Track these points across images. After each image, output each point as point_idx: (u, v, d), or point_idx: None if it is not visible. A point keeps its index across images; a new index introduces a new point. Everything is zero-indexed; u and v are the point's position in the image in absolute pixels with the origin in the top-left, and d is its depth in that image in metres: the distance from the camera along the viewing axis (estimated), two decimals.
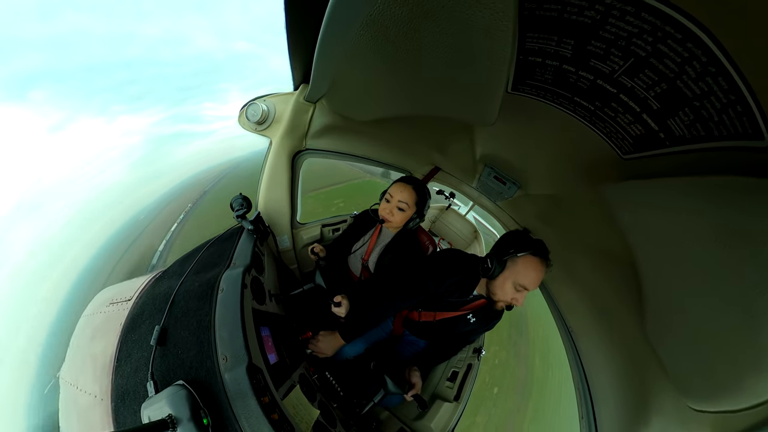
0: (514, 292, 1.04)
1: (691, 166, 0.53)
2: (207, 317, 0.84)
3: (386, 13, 0.53)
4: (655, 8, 0.39)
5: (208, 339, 0.79)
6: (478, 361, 1.65)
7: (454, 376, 1.61)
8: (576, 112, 0.72)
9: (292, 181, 1.55)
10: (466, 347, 1.66)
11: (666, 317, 0.73)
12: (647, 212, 0.68)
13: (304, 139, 1.48)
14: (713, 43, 0.37)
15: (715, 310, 0.54)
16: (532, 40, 0.59)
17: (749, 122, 0.41)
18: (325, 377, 1.23)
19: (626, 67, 0.51)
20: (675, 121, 0.52)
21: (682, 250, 0.60)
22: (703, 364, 0.61)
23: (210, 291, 0.92)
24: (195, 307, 0.89)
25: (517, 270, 1.03)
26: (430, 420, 1.40)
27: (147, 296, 1.03)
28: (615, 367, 0.98)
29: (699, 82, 0.43)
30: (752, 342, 0.47)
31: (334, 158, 1.74)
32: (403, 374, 1.21)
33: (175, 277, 1.08)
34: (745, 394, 0.50)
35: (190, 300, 0.92)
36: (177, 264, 1.22)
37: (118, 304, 1.04)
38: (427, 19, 0.53)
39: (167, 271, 1.19)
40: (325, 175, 24.65)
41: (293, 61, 1.03)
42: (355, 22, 0.59)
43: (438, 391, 1.61)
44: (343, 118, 1.38)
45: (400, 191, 1.34)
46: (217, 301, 0.88)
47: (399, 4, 0.51)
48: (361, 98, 1.11)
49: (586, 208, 1.04)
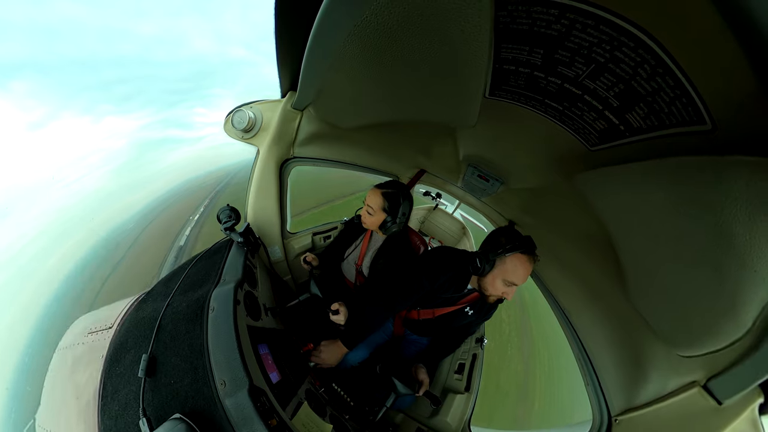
0: (504, 287, 1.08)
1: (650, 152, 0.61)
2: (199, 340, 0.78)
3: (372, 24, 0.56)
4: (612, 21, 0.45)
5: (202, 364, 0.73)
6: (481, 350, 1.68)
7: (461, 368, 1.63)
8: (547, 113, 0.79)
9: (280, 190, 1.52)
10: (468, 339, 1.69)
11: (645, 283, 0.81)
12: (615, 194, 0.77)
13: (291, 147, 1.46)
14: (660, 49, 0.44)
15: (687, 270, 0.61)
16: (507, 51, 0.65)
17: (693, 111, 0.48)
18: (333, 389, 1.19)
19: (589, 71, 0.58)
20: (632, 115, 0.59)
21: (650, 224, 0.68)
22: (684, 317, 0.68)
23: (200, 311, 0.86)
24: (185, 331, 0.83)
25: (506, 268, 1.08)
26: (445, 415, 1.39)
27: (130, 322, 0.95)
28: (609, 335, 1.05)
29: (650, 81, 0.50)
30: (722, 292, 0.54)
31: (322, 165, 1.73)
32: (411, 374, 1.21)
33: (160, 299, 1.00)
34: (723, 335, 0.58)
35: (179, 323, 0.85)
36: (161, 284, 1.13)
37: (97, 333, 0.94)
38: (411, 30, 0.56)
39: (151, 293, 1.10)
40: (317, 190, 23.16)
41: (281, 68, 1.03)
42: (342, 32, 0.61)
43: (448, 385, 1.62)
44: (330, 125, 1.38)
45: (370, 196, 1.40)
46: (209, 321, 0.82)
47: (384, 16, 0.53)
48: (348, 105, 1.12)
49: (563, 197, 1.12)
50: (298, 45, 0.77)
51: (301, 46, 0.76)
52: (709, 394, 0.66)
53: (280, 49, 0.86)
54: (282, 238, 1.67)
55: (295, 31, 0.73)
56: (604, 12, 0.45)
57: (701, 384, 0.68)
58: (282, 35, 0.78)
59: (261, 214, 1.51)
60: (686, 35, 0.40)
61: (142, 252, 32.62)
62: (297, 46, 0.78)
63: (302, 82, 1.00)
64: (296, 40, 0.76)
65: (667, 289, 0.71)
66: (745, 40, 0.33)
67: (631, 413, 0.85)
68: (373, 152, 1.89)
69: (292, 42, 0.79)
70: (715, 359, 0.64)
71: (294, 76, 1.03)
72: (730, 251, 0.49)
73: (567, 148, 0.85)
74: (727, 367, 0.62)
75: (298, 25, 0.70)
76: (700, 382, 0.69)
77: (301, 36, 0.72)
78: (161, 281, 1.16)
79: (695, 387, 0.69)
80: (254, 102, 1.31)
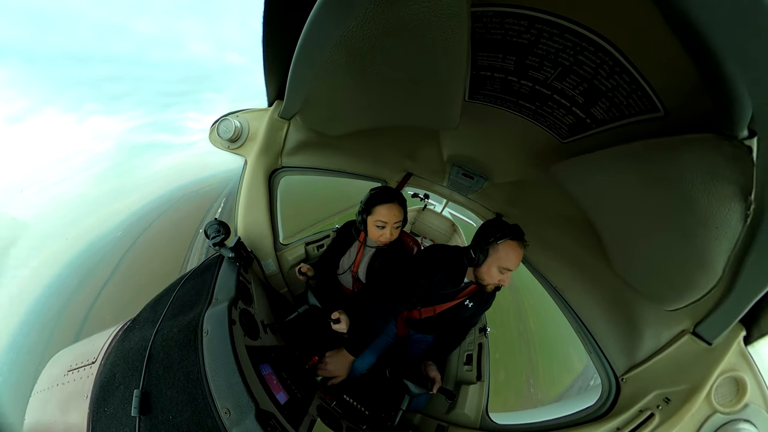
0: (500, 274, 1.14)
1: (614, 139, 0.69)
2: (195, 367, 0.72)
3: (358, 35, 0.59)
4: (574, 30, 0.52)
5: (202, 393, 0.68)
6: (486, 338, 1.71)
7: (469, 359, 1.65)
8: (522, 112, 0.86)
9: (270, 201, 1.48)
10: (471, 330, 1.72)
11: (625, 253, 0.89)
12: (589, 179, 0.85)
13: (279, 156, 1.43)
14: (617, 52, 0.51)
15: (659, 236, 0.69)
16: (483, 58, 0.71)
17: (648, 102, 0.56)
18: (345, 401, 1.14)
19: (556, 74, 0.65)
20: (597, 109, 0.67)
21: (622, 201, 0.76)
22: (663, 277, 0.77)
23: (193, 335, 0.80)
24: (179, 358, 0.76)
25: (499, 256, 1.13)
26: (462, 407, 1.39)
27: (116, 355, 0.85)
28: (600, 304, 1.13)
29: (609, 79, 0.57)
30: (692, 250, 0.61)
31: (311, 174, 1.72)
32: (421, 373, 1.20)
33: (147, 326, 0.92)
34: (700, 286, 0.66)
35: (171, 350, 0.79)
36: (148, 309, 1.03)
37: (79, 370, 0.84)
38: (395, 41, 0.59)
39: (137, 320, 1.00)
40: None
41: (268, 77, 1.02)
42: (329, 42, 0.64)
43: (459, 377, 1.63)
44: (317, 133, 1.37)
45: (393, 215, 1.30)
46: (204, 345, 0.76)
47: (370, 28, 0.56)
48: (334, 113, 1.13)
49: (543, 186, 1.21)
50: (285, 54, 0.77)
51: (287, 56, 0.77)
52: (698, 338, 0.74)
53: (268, 58, 0.86)
54: (275, 251, 1.62)
55: (282, 41, 0.74)
56: (567, 22, 0.51)
57: (690, 331, 0.76)
58: (269, 45, 0.79)
59: (252, 226, 1.45)
60: (638, 39, 0.47)
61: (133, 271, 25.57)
62: (284, 55, 0.79)
63: (289, 91, 1.00)
64: (283, 50, 0.77)
65: (645, 255, 0.79)
66: (687, 42, 0.39)
67: (634, 370, 0.91)
68: (361, 158, 1.90)
69: (279, 51, 0.80)
70: (697, 308, 0.71)
71: (281, 85, 1.03)
72: (694, 214, 0.56)
73: (542, 143, 0.93)
74: (710, 311, 0.69)
75: (285, 35, 0.71)
76: (689, 330, 0.76)
77: (288, 46, 0.73)
78: (147, 306, 1.06)
79: (686, 335, 0.76)
80: (240, 111, 1.28)
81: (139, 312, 1.04)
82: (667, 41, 0.42)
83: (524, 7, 0.53)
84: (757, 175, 0.44)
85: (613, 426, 0.86)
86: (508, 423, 1.19)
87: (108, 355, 0.87)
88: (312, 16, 0.58)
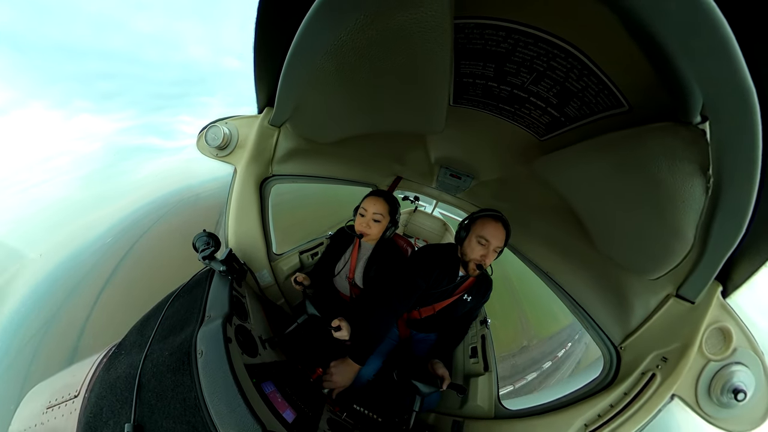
0: (479, 246, 1.20)
1: (587, 133, 0.76)
2: (192, 393, 0.67)
3: (348, 44, 0.61)
4: (547, 39, 0.58)
5: (202, 420, 0.63)
6: (488, 329, 1.74)
7: (474, 351, 1.67)
8: (502, 114, 0.92)
9: (262, 211, 1.44)
10: (473, 323, 1.75)
11: (605, 232, 0.98)
12: (567, 171, 0.93)
13: (270, 164, 1.41)
14: (584, 57, 0.58)
15: (635, 214, 0.77)
16: (465, 66, 0.76)
17: (614, 99, 0.63)
18: (356, 410, 1.10)
19: (532, 78, 0.71)
20: (569, 108, 0.74)
21: (598, 187, 0.84)
22: (642, 249, 0.84)
23: (186, 358, 0.74)
24: (172, 384, 0.70)
25: (476, 227, 1.23)
26: (474, 399, 1.40)
27: (101, 385, 0.77)
28: (591, 283, 1.21)
29: (579, 81, 0.64)
30: (665, 223, 0.69)
31: (302, 182, 1.70)
32: (428, 372, 1.20)
33: (135, 351, 0.84)
34: (676, 253, 0.73)
35: (164, 376, 0.72)
36: (135, 332, 0.95)
37: (60, 406, 0.75)
38: (382, 50, 0.62)
39: (123, 345, 0.92)
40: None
41: (258, 84, 1.02)
42: (319, 51, 0.65)
43: (467, 371, 1.64)
44: (307, 141, 1.37)
45: (373, 204, 1.38)
46: (199, 368, 0.71)
47: (359, 37, 0.59)
48: (324, 120, 1.14)
49: (526, 181, 1.29)
50: (276, 62, 0.78)
51: (278, 64, 0.77)
52: (682, 299, 0.81)
53: (259, 66, 0.86)
54: (269, 261, 1.57)
55: (273, 49, 0.75)
56: (540, 32, 0.57)
57: (674, 294, 0.83)
58: (261, 52, 0.79)
59: (244, 237, 1.40)
60: (603, 45, 0.54)
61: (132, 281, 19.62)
62: (275, 63, 0.79)
63: (279, 98, 1.00)
64: (274, 58, 0.77)
65: (623, 233, 0.88)
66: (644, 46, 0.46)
67: (630, 338, 0.96)
68: (351, 164, 1.92)
69: (270, 59, 0.80)
70: (677, 273, 0.78)
71: (271, 92, 1.02)
72: (662, 192, 0.63)
73: (522, 141, 1.00)
74: (688, 275, 0.76)
75: (277, 43, 0.72)
76: (672, 294, 0.83)
77: (279, 54, 0.74)
78: (134, 329, 0.97)
79: (671, 298, 0.84)
80: (229, 117, 1.24)
81: (125, 336, 0.96)
82: (628, 46, 0.48)
83: (502, 20, 0.58)
84: (712, 153, 0.50)
85: (620, 392, 0.90)
86: (522, 407, 1.21)
87: (92, 387, 0.79)
88: (304, 24, 0.60)
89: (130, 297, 16.50)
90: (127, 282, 20.07)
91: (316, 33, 0.61)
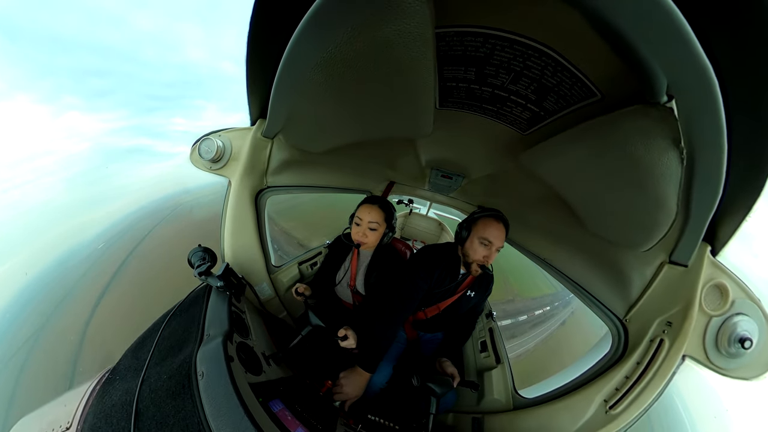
0: (481, 247, 1.21)
1: (565, 124, 0.81)
2: (194, 418, 0.62)
3: (337, 56, 0.64)
4: (521, 41, 0.63)
5: None
6: (495, 322, 1.74)
7: (484, 346, 1.66)
8: (486, 113, 0.97)
9: (258, 223, 1.43)
10: (480, 318, 1.75)
11: (595, 213, 1.02)
12: (551, 160, 0.98)
13: (264, 176, 1.41)
14: (557, 55, 0.63)
15: (619, 193, 0.81)
16: (448, 71, 0.81)
17: (587, 90, 0.68)
18: (371, 420, 1.06)
19: (510, 78, 0.76)
20: (547, 102, 0.79)
21: (582, 171, 0.89)
22: (631, 224, 0.89)
23: (186, 381, 0.70)
24: (173, 410, 0.66)
25: (478, 228, 1.25)
26: (491, 393, 1.39)
27: (95, 416, 0.72)
28: (588, 264, 1.25)
29: (554, 77, 0.69)
30: (648, 197, 0.73)
31: (297, 192, 1.70)
32: (438, 372, 1.19)
33: (131, 375, 0.79)
34: (662, 224, 0.77)
35: (163, 402, 0.68)
36: (129, 356, 0.89)
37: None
38: (370, 61, 0.66)
39: (117, 370, 0.86)
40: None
41: (251, 96, 1.03)
42: (310, 63, 0.68)
43: (479, 366, 1.62)
44: (300, 151, 1.38)
45: (368, 213, 1.38)
46: (201, 390, 0.67)
47: (347, 49, 0.62)
48: (316, 130, 1.16)
49: (515, 175, 1.33)
50: (268, 75, 0.80)
51: (270, 76, 0.79)
52: (676, 264, 0.84)
53: (251, 78, 0.88)
54: (268, 273, 1.54)
55: (264, 62, 0.77)
56: (514, 35, 0.62)
57: (667, 261, 0.86)
58: (253, 65, 0.81)
59: (241, 251, 1.37)
60: (573, 42, 0.59)
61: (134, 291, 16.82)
62: (266, 75, 0.81)
63: (272, 110, 1.01)
64: (266, 70, 0.79)
65: (611, 212, 0.92)
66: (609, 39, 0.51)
67: (633, 309, 0.99)
68: (345, 173, 1.94)
69: (262, 72, 0.82)
70: (666, 241, 0.82)
71: (263, 104, 1.04)
72: (642, 169, 0.68)
73: (507, 137, 1.05)
74: (677, 241, 0.80)
75: (268, 56, 0.74)
76: (666, 261, 0.87)
77: (270, 66, 0.76)
78: (128, 352, 0.91)
79: (665, 265, 0.87)
80: (223, 130, 1.25)
81: (119, 360, 0.89)
82: (595, 41, 0.54)
83: (479, 27, 0.63)
84: (682, 127, 0.55)
85: (632, 362, 0.92)
86: (540, 394, 1.21)
87: (85, 418, 0.73)
88: (294, 38, 0.63)
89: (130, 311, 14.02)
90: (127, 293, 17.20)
91: (305, 46, 0.64)
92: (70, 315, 18.68)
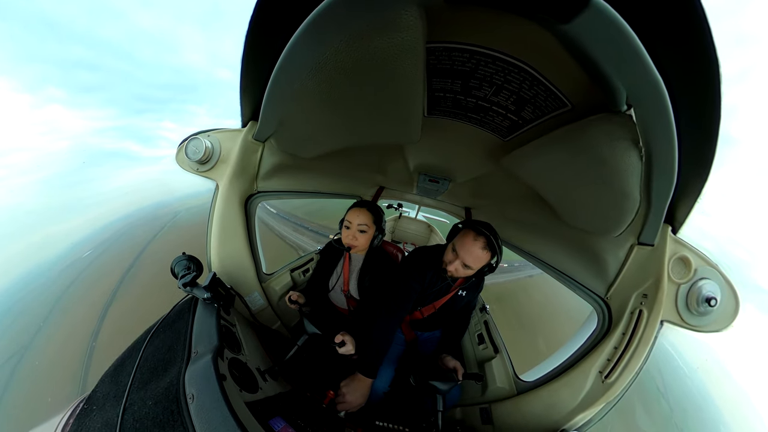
0: (454, 258, 1.17)
1: (541, 131, 0.90)
2: None
3: (331, 62, 0.66)
4: (502, 58, 0.70)
5: None
6: (488, 315, 1.81)
7: (481, 338, 1.71)
8: (471, 121, 1.04)
9: (248, 229, 1.36)
10: (474, 312, 1.81)
11: (570, 207, 1.12)
12: (530, 163, 1.06)
13: (255, 181, 1.35)
14: (534, 71, 0.70)
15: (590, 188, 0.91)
16: (436, 82, 0.86)
17: (559, 101, 0.77)
18: (379, 426, 1.03)
19: (492, 91, 0.83)
20: (525, 112, 0.87)
21: (558, 172, 0.98)
22: (602, 215, 0.99)
23: (175, 406, 0.62)
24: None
25: (456, 238, 1.27)
26: (493, 383, 1.42)
27: None
28: (569, 252, 1.35)
29: (530, 90, 0.77)
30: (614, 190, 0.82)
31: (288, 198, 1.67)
32: (441, 368, 1.20)
33: (110, 404, 0.69)
34: (629, 212, 0.86)
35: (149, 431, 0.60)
36: (107, 381, 0.78)
37: None
38: (363, 69, 0.68)
39: (93, 399, 0.74)
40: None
41: (243, 97, 1.00)
42: (305, 68, 0.69)
43: (479, 358, 1.67)
44: (291, 156, 1.36)
45: (356, 215, 1.39)
46: (192, 416, 0.60)
47: (342, 56, 0.64)
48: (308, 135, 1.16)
49: (498, 177, 1.42)
50: (262, 76, 0.80)
51: (264, 78, 0.79)
52: (644, 245, 0.94)
53: (245, 78, 0.86)
54: (260, 282, 1.47)
55: (260, 64, 0.77)
56: (497, 53, 0.69)
57: (636, 243, 0.96)
58: (248, 65, 0.80)
59: (230, 259, 1.30)
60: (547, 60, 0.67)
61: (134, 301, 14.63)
62: (261, 76, 0.81)
63: (264, 113, 1.00)
64: (261, 72, 0.79)
65: (584, 205, 1.03)
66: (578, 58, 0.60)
67: (612, 287, 1.09)
68: (335, 178, 1.93)
69: (257, 73, 0.81)
70: (634, 226, 0.92)
71: (256, 106, 1.02)
72: (608, 167, 0.77)
73: (490, 143, 1.13)
74: (643, 225, 0.90)
75: (264, 58, 0.74)
76: (635, 243, 0.97)
77: (265, 68, 0.76)
78: (105, 377, 0.79)
79: (635, 247, 0.97)
80: (212, 130, 1.18)
81: (95, 387, 0.78)
82: (566, 59, 0.62)
83: (465, 44, 0.69)
84: (640, 129, 0.65)
85: (618, 334, 1.01)
86: (540, 376, 1.27)
87: None
88: (291, 43, 0.64)
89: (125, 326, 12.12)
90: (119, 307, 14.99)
91: (301, 51, 0.65)
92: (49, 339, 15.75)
